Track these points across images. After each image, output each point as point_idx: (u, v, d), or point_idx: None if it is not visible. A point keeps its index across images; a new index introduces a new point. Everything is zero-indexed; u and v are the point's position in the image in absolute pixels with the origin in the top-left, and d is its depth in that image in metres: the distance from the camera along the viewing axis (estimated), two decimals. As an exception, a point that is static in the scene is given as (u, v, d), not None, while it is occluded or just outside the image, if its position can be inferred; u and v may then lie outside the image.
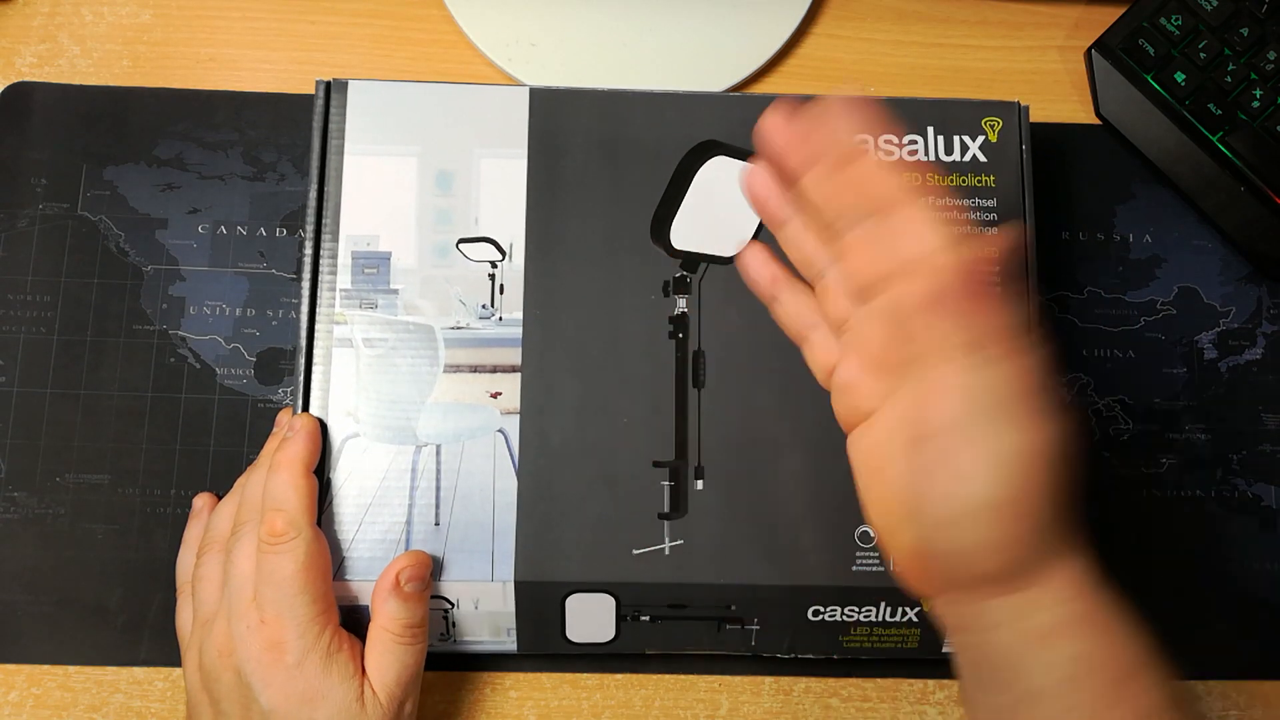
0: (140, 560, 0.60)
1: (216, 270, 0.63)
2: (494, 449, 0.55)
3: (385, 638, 0.52)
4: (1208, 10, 0.65)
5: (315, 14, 0.68)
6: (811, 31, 0.69)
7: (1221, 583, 0.56)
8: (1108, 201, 0.67)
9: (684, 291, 0.56)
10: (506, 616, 0.55)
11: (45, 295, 0.62)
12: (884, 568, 0.54)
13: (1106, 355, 0.64)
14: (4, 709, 0.58)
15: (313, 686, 0.50)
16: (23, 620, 0.59)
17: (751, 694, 0.60)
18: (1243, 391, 0.64)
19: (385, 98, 0.58)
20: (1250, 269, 0.66)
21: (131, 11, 0.67)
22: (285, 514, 0.51)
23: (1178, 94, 0.65)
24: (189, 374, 0.62)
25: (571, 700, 0.60)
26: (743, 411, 0.55)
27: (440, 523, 0.54)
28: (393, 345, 0.55)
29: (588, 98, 0.58)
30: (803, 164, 0.44)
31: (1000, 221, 0.57)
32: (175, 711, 0.59)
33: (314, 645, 0.50)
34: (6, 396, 0.61)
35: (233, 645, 0.50)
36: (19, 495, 0.60)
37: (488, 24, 0.67)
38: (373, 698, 0.51)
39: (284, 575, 0.50)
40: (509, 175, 0.57)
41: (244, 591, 0.51)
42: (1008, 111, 0.59)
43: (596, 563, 0.54)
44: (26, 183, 0.63)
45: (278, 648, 0.50)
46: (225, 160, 0.65)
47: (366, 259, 0.56)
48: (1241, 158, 0.64)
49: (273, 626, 0.50)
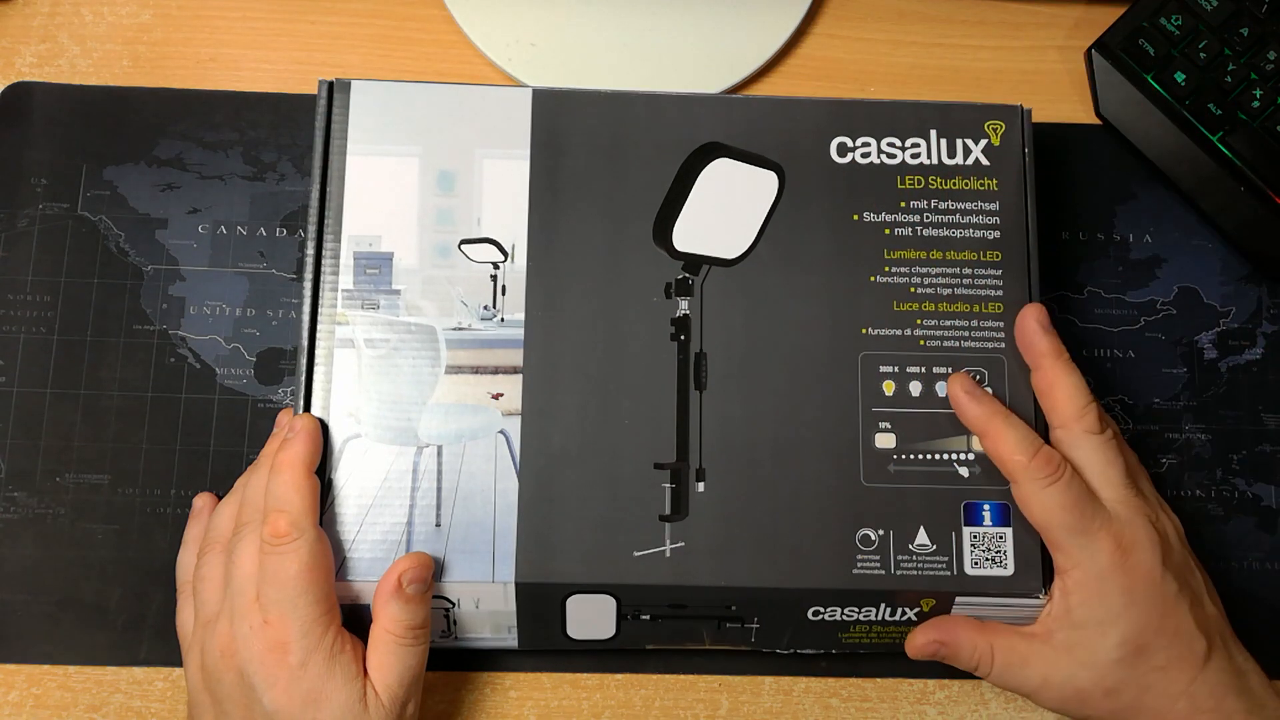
0: (140, 560, 0.60)
1: (216, 270, 0.63)
2: (495, 450, 0.55)
3: (387, 639, 0.52)
4: (1208, 10, 0.65)
5: (316, 14, 0.68)
6: (811, 31, 0.69)
7: (1221, 583, 0.56)
8: (1108, 201, 0.67)
9: (686, 293, 0.56)
10: (507, 616, 0.55)
11: (45, 295, 0.62)
12: (884, 569, 0.54)
13: (1106, 355, 0.64)
14: (4, 709, 0.58)
15: (316, 687, 0.50)
16: (23, 620, 0.59)
17: (751, 694, 0.60)
18: (1243, 391, 0.64)
19: (388, 98, 0.58)
20: (1250, 269, 0.66)
21: (131, 11, 0.67)
22: (288, 515, 0.51)
23: (1178, 94, 0.65)
24: (189, 374, 0.62)
25: (571, 700, 0.60)
26: (744, 414, 0.55)
27: (441, 524, 0.54)
28: (394, 346, 0.55)
29: (590, 99, 0.58)
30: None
31: (1002, 225, 0.58)
32: (175, 711, 0.59)
33: (317, 646, 0.50)
34: (6, 396, 0.61)
35: (235, 646, 0.50)
36: (19, 495, 0.60)
37: (488, 24, 0.67)
38: (375, 699, 0.51)
39: (287, 576, 0.50)
40: (511, 176, 0.57)
41: (246, 592, 0.51)
42: (1010, 115, 0.59)
43: (597, 564, 0.54)
44: (26, 183, 0.63)
45: (281, 648, 0.50)
46: (225, 160, 0.64)
47: (368, 259, 0.56)
48: (1241, 158, 0.64)
49: (276, 627, 0.50)
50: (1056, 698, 0.53)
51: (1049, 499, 0.52)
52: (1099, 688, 0.52)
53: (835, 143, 0.58)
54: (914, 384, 0.56)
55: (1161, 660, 0.51)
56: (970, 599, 0.54)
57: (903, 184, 0.58)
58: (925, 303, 0.57)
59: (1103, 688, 0.52)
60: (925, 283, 0.57)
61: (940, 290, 0.57)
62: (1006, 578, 0.54)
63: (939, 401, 0.56)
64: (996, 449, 0.53)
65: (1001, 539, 0.54)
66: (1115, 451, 0.53)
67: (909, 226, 0.57)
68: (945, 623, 0.55)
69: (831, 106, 0.59)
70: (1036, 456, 0.52)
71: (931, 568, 0.54)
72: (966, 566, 0.54)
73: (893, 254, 0.57)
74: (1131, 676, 0.52)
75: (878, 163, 0.58)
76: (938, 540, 0.54)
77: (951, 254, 0.57)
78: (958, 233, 0.57)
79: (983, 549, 0.54)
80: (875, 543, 0.54)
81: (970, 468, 0.55)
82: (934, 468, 0.55)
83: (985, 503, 0.54)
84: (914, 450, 0.55)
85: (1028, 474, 0.52)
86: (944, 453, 0.55)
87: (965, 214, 0.58)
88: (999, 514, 0.54)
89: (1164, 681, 0.51)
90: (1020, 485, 0.52)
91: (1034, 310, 0.55)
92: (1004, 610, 0.54)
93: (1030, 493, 0.52)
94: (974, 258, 0.57)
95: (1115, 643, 0.51)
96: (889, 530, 0.54)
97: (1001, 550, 0.54)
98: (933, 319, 0.56)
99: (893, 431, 0.55)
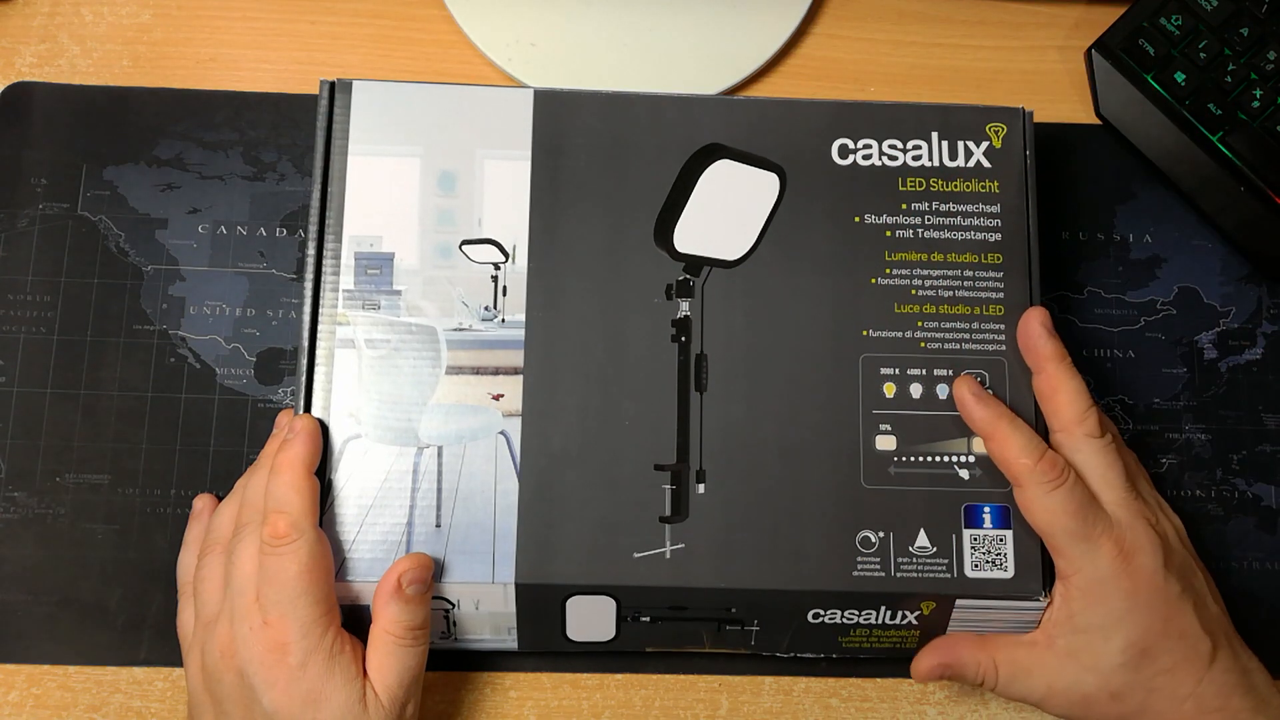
0: (140, 560, 0.60)
1: (216, 270, 0.63)
2: (495, 451, 0.55)
3: (387, 640, 0.52)
4: (1208, 10, 0.65)
5: (316, 14, 0.68)
6: (811, 31, 0.69)
7: (1221, 583, 0.56)
8: (1108, 201, 0.67)
9: (687, 295, 0.56)
10: (507, 617, 0.55)
11: (45, 295, 0.62)
12: (884, 572, 0.54)
13: (1106, 355, 0.64)
14: (4, 709, 0.58)
15: (316, 688, 0.50)
16: (23, 620, 0.59)
17: (751, 694, 0.60)
18: (1243, 391, 0.64)
19: (389, 98, 0.58)
20: (1250, 269, 0.66)
21: (131, 11, 0.67)
22: (287, 516, 0.51)
23: (1178, 94, 0.65)
24: (189, 374, 0.62)
25: (571, 700, 0.60)
26: (745, 415, 0.55)
27: (441, 524, 0.54)
28: (395, 346, 0.55)
29: (591, 99, 0.58)
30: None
31: (1003, 228, 0.57)
32: (175, 711, 0.59)
33: (317, 646, 0.50)
34: (6, 396, 0.61)
35: (235, 647, 0.50)
36: (19, 495, 0.60)
37: (488, 24, 0.67)
38: (375, 699, 0.51)
39: (287, 577, 0.50)
40: (512, 177, 0.57)
41: (246, 593, 0.51)
42: (1012, 117, 0.59)
43: (597, 565, 0.54)
44: (26, 183, 0.63)
45: (281, 649, 0.50)
46: (225, 160, 0.64)
47: (369, 259, 0.56)
48: (1241, 158, 0.64)
49: (276, 628, 0.50)
50: (1063, 704, 0.53)
51: (1053, 503, 0.52)
52: (1104, 692, 0.52)
53: (836, 144, 0.58)
54: (915, 386, 0.56)
55: (1167, 662, 0.51)
56: (970, 601, 0.54)
57: (904, 186, 0.58)
58: (926, 305, 0.57)
59: (1108, 692, 0.52)
60: (926, 285, 0.57)
61: (941, 292, 0.57)
62: (1007, 580, 0.54)
63: (940, 404, 0.56)
64: (1002, 452, 0.53)
65: (1002, 541, 0.54)
66: (1115, 455, 0.53)
67: (910, 228, 0.57)
68: (946, 644, 0.55)
69: (833, 108, 0.59)
70: (1041, 461, 0.52)
71: (932, 570, 0.54)
72: (967, 569, 0.54)
73: (894, 256, 0.57)
74: (1137, 680, 0.52)
75: (879, 164, 0.58)
76: (938, 542, 0.54)
77: (952, 256, 0.57)
78: (959, 235, 0.57)
79: (983, 551, 0.54)
80: (875, 545, 0.54)
81: (971, 470, 0.55)
82: (934, 470, 0.55)
83: (985, 505, 0.54)
84: (914, 452, 0.55)
85: (1032, 478, 0.52)
86: (944, 455, 0.55)
87: (966, 216, 0.58)
88: (999, 516, 0.54)
89: (1171, 683, 0.52)
90: (1024, 489, 0.52)
91: (1037, 314, 0.55)
92: (1004, 613, 0.54)
93: (1034, 497, 0.52)
94: (975, 260, 0.57)
95: (1119, 647, 0.51)
96: (889, 532, 0.54)
97: (1002, 553, 0.54)
98: (934, 321, 0.56)
99: (893, 433, 0.55)
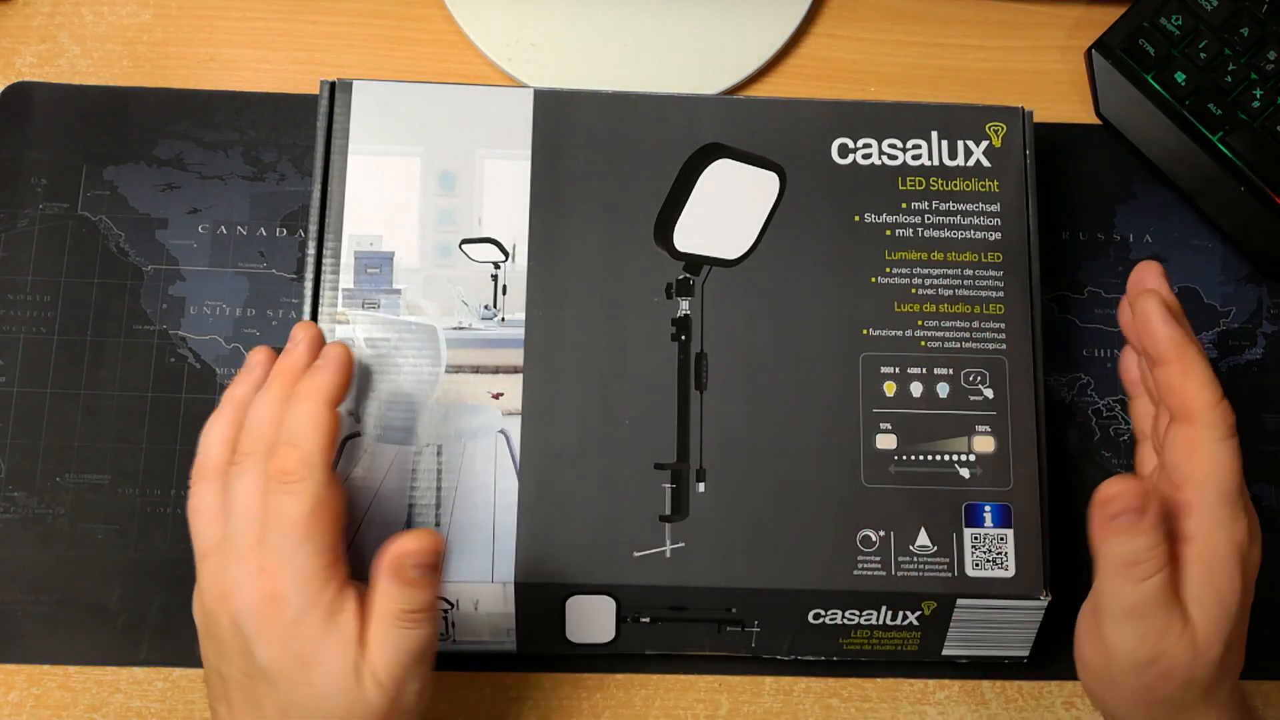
0: (140, 560, 0.60)
1: (216, 270, 0.63)
2: (495, 450, 0.55)
3: (384, 617, 0.46)
4: (1208, 10, 0.65)
5: (316, 14, 0.68)
6: (811, 31, 0.69)
7: (1221, 583, 0.56)
8: (1108, 201, 0.67)
9: (687, 294, 0.56)
10: (506, 618, 0.55)
11: (45, 295, 0.62)
12: (885, 571, 0.54)
13: (1106, 355, 0.64)
14: (4, 709, 0.58)
15: (309, 649, 0.45)
16: (23, 620, 0.59)
17: (751, 694, 0.60)
18: (1243, 391, 0.64)
19: (389, 98, 0.58)
20: (1250, 269, 0.66)
21: (131, 11, 0.67)
22: (299, 451, 0.46)
23: (1178, 94, 0.65)
24: (189, 374, 0.62)
25: (571, 700, 0.60)
26: (745, 414, 0.55)
27: (441, 523, 0.54)
28: (395, 345, 0.55)
29: (591, 99, 0.58)
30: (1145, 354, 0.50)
31: (1003, 227, 0.58)
32: (175, 711, 0.59)
33: (314, 602, 0.45)
34: (6, 396, 0.61)
35: (229, 590, 0.46)
36: (19, 495, 0.60)
37: (488, 24, 0.67)
38: (370, 672, 0.46)
39: (289, 520, 0.45)
40: (512, 176, 0.57)
41: (246, 534, 0.46)
42: (1012, 117, 0.59)
43: (597, 565, 0.54)
44: (26, 183, 0.63)
45: (275, 600, 0.45)
46: (225, 160, 0.64)
47: (369, 259, 0.56)
48: (1241, 158, 0.64)
49: (272, 576, 0.45)
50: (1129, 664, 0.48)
51: (1221, 453, 0.46)
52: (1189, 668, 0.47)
53: (836, 144, 0.58)
54: (915, 385, 0.56)
55: (1233, 660, 0.48)
56: (971, 601, 0.54)
57: (904, 185, 0.58)
58: (926, 304, 0.57)
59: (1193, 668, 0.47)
60: (926, 284, 0.57)
61: (941, 291, 0.57)
62: (1007, 579, 0.54)
63: (940, 402, 0.56)
64: (1183, 382, 0.47)
65: (1002, 540, 0.54)
66: (1240, 459, 0.48)
67: (910, 228, 0.57)
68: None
69: (832, 107, 0.59)
70: (1222, 403, 0.47)
71: (932, 569, 0.54)
72: (967, 568, 0.54)
73: (894, 255, 0.57)
74: (1217, 671, 0.47)
75: (879, 164, 0.58)
76: (938, 541, 0.54)
77: (952, 255, 0.57)
78: (959, 234, 0.57)
79: (984, 550, 0.54)
80: (876, 544, 0.54)
81: (971, 469, 0.55)
82: (935, 469, 0.55)
83: (986, 504, 0.54)
84: (915, 451, 0.55)
85: (1208, 419, 0.47)
86: (945, 454, 0.55)
87: (966, 215, 0.58)
88: (1000, 515, 0.54)
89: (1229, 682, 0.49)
90: (1193, 428, 0.47)
91: (1152, 293, 0.49)
92: (1005, 613, 0.54)
93: (1201, 440, 0.47)
94: (975, 259, 0.57)
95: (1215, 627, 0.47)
96: (890, 531, 0.54)
97: (1002, 552, 0.54)
98: (934, 320, 0.56)
99: (893, 432, 0.55)
